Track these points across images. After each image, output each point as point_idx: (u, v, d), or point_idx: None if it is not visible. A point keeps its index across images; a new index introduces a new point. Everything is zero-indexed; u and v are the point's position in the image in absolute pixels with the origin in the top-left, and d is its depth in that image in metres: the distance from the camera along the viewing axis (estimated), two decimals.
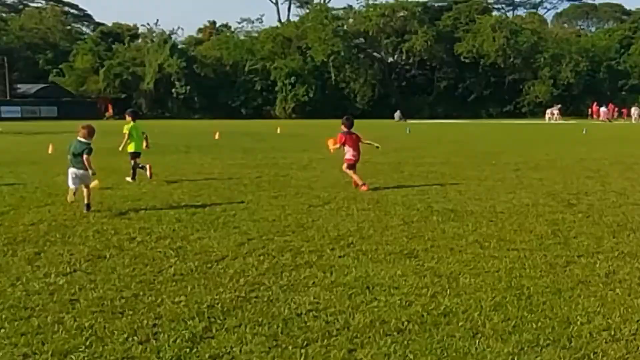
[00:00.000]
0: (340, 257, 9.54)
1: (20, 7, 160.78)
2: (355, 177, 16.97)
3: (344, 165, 17.36)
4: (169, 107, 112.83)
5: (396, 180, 18.65)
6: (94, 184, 15.97)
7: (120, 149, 18.88)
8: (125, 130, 18.48)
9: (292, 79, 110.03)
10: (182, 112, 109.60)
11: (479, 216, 12.90)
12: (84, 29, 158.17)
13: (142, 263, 9.15)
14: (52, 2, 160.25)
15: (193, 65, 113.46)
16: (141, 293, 7.75)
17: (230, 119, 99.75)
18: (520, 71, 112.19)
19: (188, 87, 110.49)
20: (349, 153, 17.29)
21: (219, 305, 7.31)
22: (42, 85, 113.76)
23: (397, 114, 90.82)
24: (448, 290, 7.88)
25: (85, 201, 13.40)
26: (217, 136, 41.44)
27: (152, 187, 17.05)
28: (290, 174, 19.99)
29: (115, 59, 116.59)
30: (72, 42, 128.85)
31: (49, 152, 27.70)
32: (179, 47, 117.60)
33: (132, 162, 18.39)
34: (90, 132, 13.99)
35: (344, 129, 17.69)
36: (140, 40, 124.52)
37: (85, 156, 13.49)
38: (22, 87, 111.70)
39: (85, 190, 13.55)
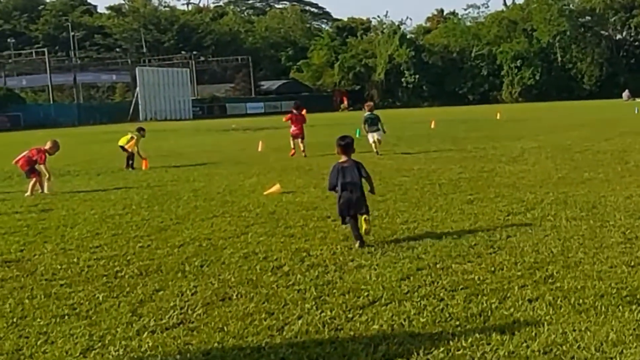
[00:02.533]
0: (530, 301, 6.53)
1: (267, 9, 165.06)
2: (296, 145, 22.99)
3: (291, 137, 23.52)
4: (399, 96, 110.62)
5: (619, 174, 14.97)
6: (275, 188, 13.87)
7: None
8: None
9: (518, 62, 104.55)
10: (411, 100, 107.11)
11: None
12: (323, 25, 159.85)
13: (266, 311, 6.61)
14: (294, 3, 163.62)
15: (421, 54, 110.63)
16: None
17: (458, 105, 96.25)
18: None
19: (417, 76, 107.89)
20: (292, 128, 23.38)
21: None
22: (283, 81, 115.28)
23: (625, 93, 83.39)
24: None
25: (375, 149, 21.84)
26: (432, 125, 38.48)
27: None
28: (496, 169, 16.73)
29: (348, 53, 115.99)
30: (310, 39, 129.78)
31: (259, 149, 26.07)
32: (408, 37, 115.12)
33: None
34: (372, 108, 23.07)
35: (293, 110, 23.82)
36: (371, 33, 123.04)
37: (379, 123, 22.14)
38: (265, 84, 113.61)
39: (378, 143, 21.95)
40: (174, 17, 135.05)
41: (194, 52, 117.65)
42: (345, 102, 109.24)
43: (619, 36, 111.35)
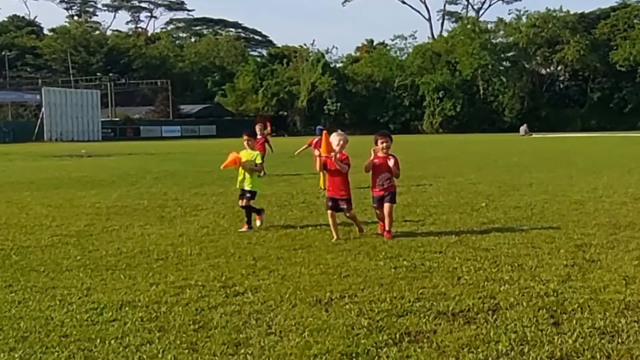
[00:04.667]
0: None
1: (207, 32, 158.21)
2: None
3: None
4: (322, 124, 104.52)
5: None
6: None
7: None
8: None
9: (440, 94, 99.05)
10: (333, 128, 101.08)
11: None
12: (262, 51, 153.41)
13: None
14: (239, 30, 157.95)
15: (344, 83, 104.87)
16: None
17: None
18: None
19: (339, 104, 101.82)
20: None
21: None
22: (204, 105, 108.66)
23: (522, 128, 78.42)
24: None
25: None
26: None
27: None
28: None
29: (274, 79, 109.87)
30: (239, 64, 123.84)
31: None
32: (332, 65, 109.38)
33: None
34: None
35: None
36: (297, 61, 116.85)
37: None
38: (185, 108, 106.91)
39: None
40: (103, 39, 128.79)
41: (125, 75, 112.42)
42: (268, 128, 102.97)
43: (543, 70, 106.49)
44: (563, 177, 20.96)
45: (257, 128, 24.01)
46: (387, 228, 10.23)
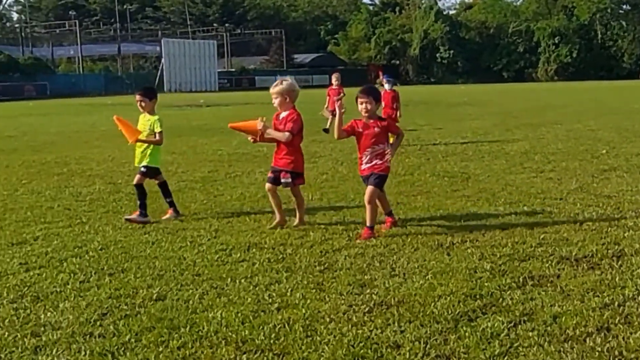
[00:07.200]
0: None
1: None
2: None
3: None
4: (434, 72, 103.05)
5: None
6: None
7: None
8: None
9: (556, 39, 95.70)
10: (445, 77, 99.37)
11: None
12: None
13: None
14: None
15: (457, 30, 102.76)
16: None
17: (492, 82, 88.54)
18: None
19: (452, 52, 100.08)
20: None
21: None
22: (316, 54, 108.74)
23: None
24: None
25: None
26: None
27: None
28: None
29: (386, 27, 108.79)
30: (351, 13, 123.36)
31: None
32: (444, 12, 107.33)
33: None
34: None
35: None
36: (410, 8, 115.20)
37: None
38: (299, 57, 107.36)
39: None
40: None
41: (241, 25, 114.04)
42: (381, 77, 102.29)
43: None
44: None
45: (334, 77, 20.65)
46: (367, 223, 7.26)
